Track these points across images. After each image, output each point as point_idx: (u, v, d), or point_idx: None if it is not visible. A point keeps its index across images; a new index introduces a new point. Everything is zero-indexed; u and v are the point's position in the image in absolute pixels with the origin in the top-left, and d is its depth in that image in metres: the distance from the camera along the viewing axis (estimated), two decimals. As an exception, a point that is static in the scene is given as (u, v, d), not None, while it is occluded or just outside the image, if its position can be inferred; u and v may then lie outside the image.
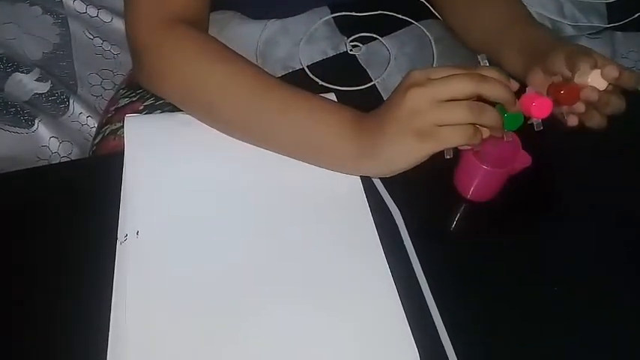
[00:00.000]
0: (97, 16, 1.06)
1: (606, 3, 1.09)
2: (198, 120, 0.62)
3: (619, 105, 0.60)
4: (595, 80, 0.58)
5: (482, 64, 0.56)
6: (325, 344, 0.50)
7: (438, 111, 0.51)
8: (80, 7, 1.05)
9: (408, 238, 0.56)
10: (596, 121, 0.60)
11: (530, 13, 0.74)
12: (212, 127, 0.61)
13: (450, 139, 0.52)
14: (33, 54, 0.99)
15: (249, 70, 0.59)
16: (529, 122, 0.57)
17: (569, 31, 1.10)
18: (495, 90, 0.52)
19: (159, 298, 0.51)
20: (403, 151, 0.53)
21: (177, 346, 0.49)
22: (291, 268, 0.54)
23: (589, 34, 1.12)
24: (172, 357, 0.48)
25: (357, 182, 0.59)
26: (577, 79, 0.59)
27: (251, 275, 0.53)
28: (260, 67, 0.60)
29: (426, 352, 0.49)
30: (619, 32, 1.12)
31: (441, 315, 0.51)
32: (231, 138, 0.61)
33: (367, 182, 0.59)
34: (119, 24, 1.06)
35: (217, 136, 0.61)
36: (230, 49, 0.61)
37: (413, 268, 0.54)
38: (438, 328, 0.51)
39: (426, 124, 0.52)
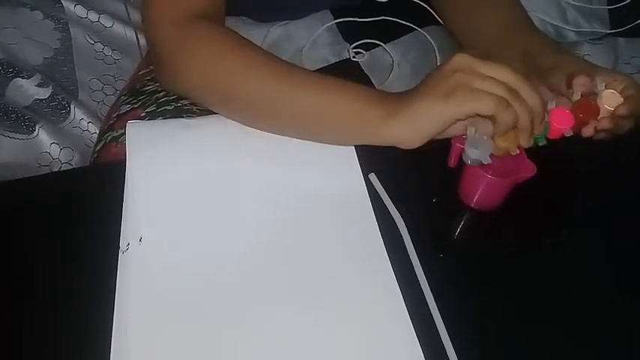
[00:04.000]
0: (98, 21, 1.07)
1: (609, 9, 1.09)
2: (219, 112, 0.62)
3: (629, 125, 0.60)
4: (608, 100, 0.59)
5: None
6: (330, 348, 0.49)
7: (474, 76, 0.52)
8: (81, 12, 1.05)
9: (412, 246, 0.55)
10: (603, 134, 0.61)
11: (528, 19, 0.73)
12: (232, 117, 0.61)
13: (478, 103, 0.51)
14: (34, 59, 0.99)
15: (271, 59, 0.60)
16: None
17: (572, 36, 1.10)
18: (531, 96, 0.52)
19: (162, 304, 0.51)
20: (429, 107, 0.53)
21: (181, 354, 0.48)
22: (296, 272, 0.53)
23: (591, 39, 1.12)
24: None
25: (361, 187, 0.59)
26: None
27: (256, 280, 0.53)
28: (283, 60, 0.61)
29: (429, 358, 0.49)
30: (621, 38, 1.12)
31: (444, 322, 0.51)
32: (232, 143, 0.60)
33: (371, 190, 0.59)
34: (120, 29, 1.06)
35: (219, 141, 0.61)
36: (254, 44, 0.61)
37: (416, 276, 0.54)
38: (441, 335, 0.50)
39: (459, 83, 0.52)
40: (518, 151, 0.56)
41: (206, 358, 0.48)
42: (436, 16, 0.80)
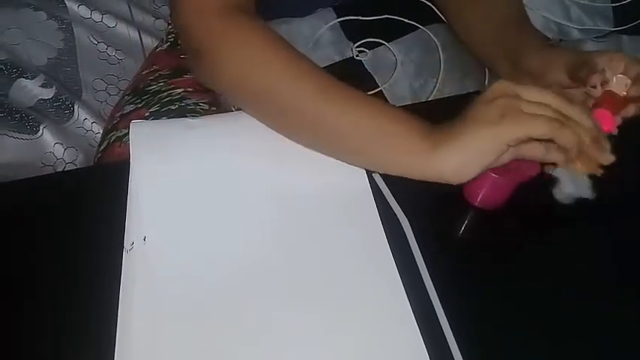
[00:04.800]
0: (101, 21, 1.06)
1: (613, 6, 1.08)
2: (251, 114, 0.60)
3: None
4: (618, 83, 0.59)
5: None
6: (334, 349, 0.49)
7: (520, 101, 0.50)
8: (85, 12, 1.05)
9: (416, 245, 0.55)
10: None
11: (522, 16, 0.73)
12: (263, 121, 0.59)
13: (532, 124, 0.49)
14: (37, 59, 0.99)
15: (311, 65, 0.58)
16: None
17: (576, 34, 1.10)
18: (582, 117, 0.51)
19: (166, 304, 0.51)
20: (481, 133, 0.50)
21: (185, 353, 0.48)
22: (299, 273, 0.53)
23: (595, 37, 1.11)
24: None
25: (365, 186, 0.59)
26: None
27: (259, 280, 0.53)
28: (312, 62, 0.58)
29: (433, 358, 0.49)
30: (625, 36, 1.12)
31: (448, 322, 0.51)
32: (236, 143, 0.60)
33: (375, 189, 0.59)
34: (124, 29, 1.06)
35: (223, 141, 0.61)
36: (284, 39, 0.59)
37: (420, 275, 0.54)
38: (445, 334, 0.50)
39: (507, 107, 0.49)
40: (602, 171, 0.54)
41: (209, 358, 0.48)
42: (439, 13, 0.80)
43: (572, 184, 0.52)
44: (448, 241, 0.58)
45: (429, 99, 0.73)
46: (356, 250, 0.55)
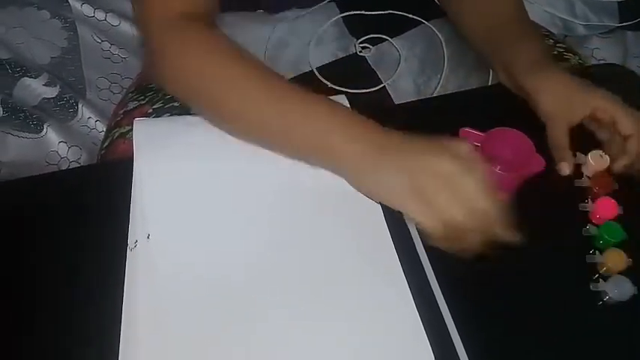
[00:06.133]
0: (104, 19, 1.07)
1: (618, 2, 1.08)
2: (206, 119, 0.61)
3: None
4: (596, 160, 0.60)
5: None
6: (338, 348, 0.49)
7: (444, 191, 0.48)
8: (88, 10, 1.06)
9: (421, 244, 0.55)
10: None
11: (523, 20, 0.72)
12: (218, 127, 0.60)
13: (426, 223, 0.48)
14: (41, 58, 1.00)
15: (259, 73, 0.58)
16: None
17: (581, 30, 1.10)
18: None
19: (170, 301, 0.51)
20: (390, 179, 0.49)
21: (189, 350, 0.48)
22: (303, 271, 0.53)
23: (600, 33, 1.11)
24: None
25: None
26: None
27: (263, 277, 0.53)
28: (269, 69, 0.59)
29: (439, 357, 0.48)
30: (630, 32, 1.12)
31: (454, 320, 0.51)
32: (239, 140, 0.60)
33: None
34: (127, 27, 1.06)
35: (227, 138, 0.61)
36: (241, 48, 0.59)
37: (426, 275, 0.53)
38: (452, 336, 0.50)
39: (430, 190, 0.48)
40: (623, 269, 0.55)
41: (213, 354, 0.48)
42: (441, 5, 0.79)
43: (616, 291, 0.53)
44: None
45: (433, 95, 0.73)
46: (360, 250, 0.55)
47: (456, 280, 0.53)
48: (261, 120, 0.56)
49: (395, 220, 0.56)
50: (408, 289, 0.52)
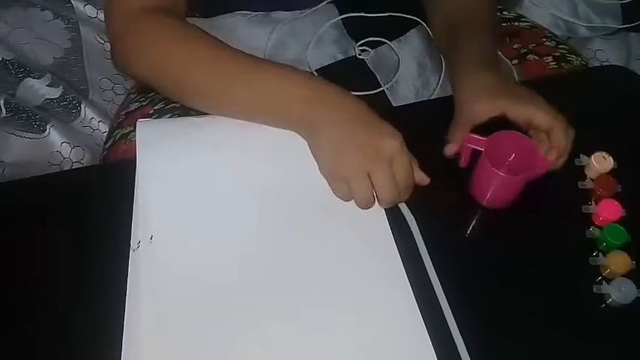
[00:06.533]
0: (107, 20, 1.07)
1: (621, 3, 1.08)
2: (170, 97, 0.66)
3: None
4: (599, 162, 0.60)
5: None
6: (342, 350, 0.49)
7: (381, 170, 0.53)
8: (91, 11, 1.06)
9: (423, 245, 0.55)
10: None
11: (485, 19, 0.71)
12: (183, 103, 0.65)
13: (341, 191, 0.55)
14: (44, 59, 1.00)
15: (209, 45, 0.61)
16: None
17: (583, 32, 1.10)
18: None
19: (173, 302, 0.51)
20: (342, 153, 0.55)
21: (192, 350, 0.48)
22: (305, 271, 0.53)
23: (603, 34, 1.11)
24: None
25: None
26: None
27: (266, 279, 0.53)
28: (222, 43, 0.61)
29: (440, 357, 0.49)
30: (633, 33, 1.11)
31: (456, 321, 0.51)
32: (242, 141, 0.60)
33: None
34: (130, 28, 1.06)
35: (229, 139, 0.61)
36: (198, 30, 0.63)
37: (428, 275, 0.53)
38: (453, 334, 0.50)
39: (372, 166, 0.53)
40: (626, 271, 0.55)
41: (215, 354, 0.48)
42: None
43: (619, 294, 0.53)
44: (455, 240, 0.58)
45: (431, 97, 0.73)
46: (363, 250, 0.55)
47: (459, 282, 0.53)
48: (216, 88, 0.60)
49: (398, 221, 0.56)
50: (411, 289, 0.52)
